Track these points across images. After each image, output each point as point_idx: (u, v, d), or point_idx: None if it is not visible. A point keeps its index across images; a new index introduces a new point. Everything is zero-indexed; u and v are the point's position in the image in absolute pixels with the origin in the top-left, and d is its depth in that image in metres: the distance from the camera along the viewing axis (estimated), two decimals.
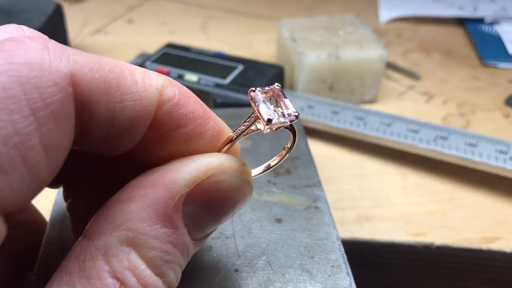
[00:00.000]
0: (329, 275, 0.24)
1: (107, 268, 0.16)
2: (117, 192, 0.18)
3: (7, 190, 0.13)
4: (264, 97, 0.19)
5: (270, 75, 0.45)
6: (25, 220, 0.25)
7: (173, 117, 0.17)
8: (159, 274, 0.16)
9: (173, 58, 0.47)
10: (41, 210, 0.27)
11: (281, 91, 0.19)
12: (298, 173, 0.32)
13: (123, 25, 0.66)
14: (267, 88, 0.19)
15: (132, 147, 0.18)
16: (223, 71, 0.45)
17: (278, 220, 0.27)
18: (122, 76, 0.16)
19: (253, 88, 0.18)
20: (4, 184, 0.13)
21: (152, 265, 0.16)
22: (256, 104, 0.18)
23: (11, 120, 0.13)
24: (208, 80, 0.44)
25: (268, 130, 0.18)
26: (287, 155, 0.22)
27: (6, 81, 0.13)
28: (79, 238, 0.17)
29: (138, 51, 0.56)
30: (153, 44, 0.58)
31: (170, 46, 0.50)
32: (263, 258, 0.25)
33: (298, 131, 0.35)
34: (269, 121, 0.18)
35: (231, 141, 0.19)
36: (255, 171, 0.22)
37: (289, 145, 0.21)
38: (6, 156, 0.13)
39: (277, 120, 0.18)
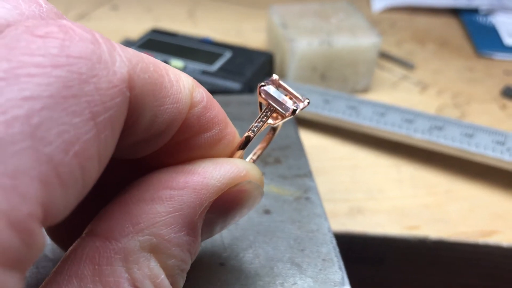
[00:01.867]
0: (320, 269, 0.23)
1: (127, 275, 0.14)
2: (136, 189, 0.16)
3: (62, 205, 0.11)
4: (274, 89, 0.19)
5: (260, 62, 0.43)
6: None
7: (201, 121, 0.16)
8: (173, 283, 0.15)
9: (158, 44, 0.45)
10: None
11: (280, 80, 0.20)
12: (288, 162, 0.30)
13: (107, 11, 0.64)
14: (268, 80, 0.19)
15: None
16: (211, 58, 0.43)
17: (267, 211, 0.26)
18: (163, 76, 0.15)
19: (263, 83, 0.19)
20: (60, 198, 0.11)
21: (169, 273, 0.15)
22: (273, 97, 0.19)
23: (73, 124, 0.11)
24: (195, 67, 0.42)
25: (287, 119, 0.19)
26: (274, 137, 0.22)
27: (66, 77, 0.11)
28: (86, 237, 0.15)
29: (122, 39, 0.54)
30: (138, 31, 0.56)
31: (155, 31, 0.48)
32: (251, 251, 0.24)
33: (289, 121, 0.34)
34: (294, 111, 0.18)
35: (249, 141, 0.18)
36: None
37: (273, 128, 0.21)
38: (68, 166, 0.11)
39: (297, 106, 0.19)
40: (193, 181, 0.16)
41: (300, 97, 0.19)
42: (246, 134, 0.18)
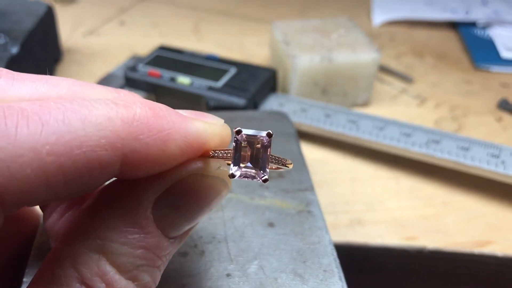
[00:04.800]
0: (322, 280, 0.24)
1: (76, 274, 0.16)
2: (91, 201, 0.18)
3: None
4: (247, 144, 0.18)
5: (263, 78, 0.45)
6: (20, 210, 0.25)
7: (145, 164, 0.16)
8: (131, 278, 0.17)
9: (166, 61, 0.47)
10: None
11: (269, 143, 0.18)
12: (291, 177, 0.31)
13: (115, 27, 0.66)
14: (254, 133, 0.18)
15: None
16: (216, 74, 0.45)
17: (271, 224, 0.27)
18: (65, 154, 0.14)
19: (240, 129, 0.18)
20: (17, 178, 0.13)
21: (123, 270, 0.16)
22: (233, 149, 0.18)
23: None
24: (201, 83, 0.44)
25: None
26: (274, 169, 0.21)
27: None
28: (54, 245, 0.17)
29: (130, 53, 0.56)
30: (145, 46, 0.58)
31: (163, 48, 0.50)
32: (256, 262, 0.25)
33: (291, 135, 0.35)
34: (232, 176, 0.18)
35: (210, 156, 0.18)
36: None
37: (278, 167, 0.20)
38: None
39: (240, 177, 0.18)
40: (132, 187, 0.17)
41: (263, 174, 0.18)
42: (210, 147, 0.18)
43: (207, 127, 0.18)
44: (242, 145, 0.18)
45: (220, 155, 0.18)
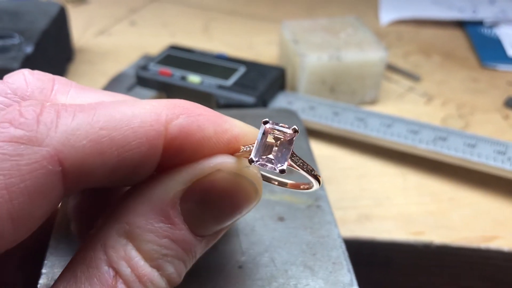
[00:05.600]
0: (331, 272, 0.25)
1: (105, 257, 0.17)
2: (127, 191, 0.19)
3: None
4: (272, 135, 0.18)
5: (272, 76, 0.45)
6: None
7: (185, 148, 0.18)
8: (156, 266, 0.17)
9: (177, 60, 0.48)
10: None
11: (293, 138, 0.18)
12: (300, 173, 0.32)
13: (126, 27, 0.67)
14: (281, 128, 0.18)
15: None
16: (226, 73, 0.46)
17: (281, 219, 0.28)
18: (116, 129, 0.16)
19: (268, 120, 0.18)
20: None
21: (148, 257, 0.17)
22: (258, 138, 0.18)
23: None
24: (211, 82, 0.44)
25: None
26: (296, 190, 0.22)
27: None
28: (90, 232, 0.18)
29: (141, 53, 0.57)
30: (156, 45, 0.59)
31: (173, 47, 0.50)
32: (266, 255, 0.26)
33: (300, 132, 0.36)
34: (251, 161, 0.18)
35: (240, 152, 0.19)
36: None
37: (306, 187, 0.22)
38: None
39: (259, 162, 0.18)
40: (163, 177, 0.18)
41: (282, 165, 0.18)
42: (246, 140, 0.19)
43: (241, 124, 0.19)
44: (268, 137, 0.18)
45: (248, 150, 0.19)
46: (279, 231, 0.27)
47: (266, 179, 0.22)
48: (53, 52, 0.52)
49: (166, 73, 0.46)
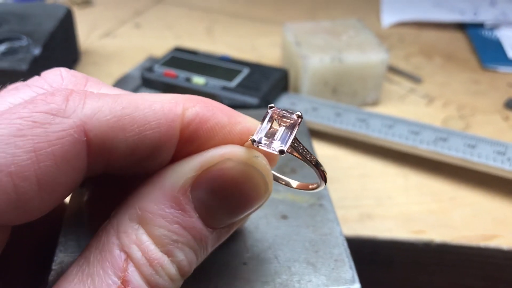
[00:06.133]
0: (333, 268, 0.25)
1: (117, 242, 0.18)
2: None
3: None
4: (277, 120, 0.19)
5: (275, 78, 0.46)
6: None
7: (199, 134, 0.19)
8: (166, 252, 0.18)
9: (181, 62, 0.49)
10: None
11: (296, 123, 0.19)
12: (303, 172, 0.33)
13: (131, 29, 0.68)
14: (287, 113, 0.19)
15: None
16: (230, 74, 0.46)
17: (284, 217, 0.29)
18: (138, 109, 0.18)
19: (273, 105, 0.19)
20: None
21: (159, 242, 0.18)
22: (262, 120, 0.19)
23: (12, 153, 0.16)
24: (215, 83, 0.45)
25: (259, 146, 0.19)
26: (305, 191, 0.23)
27: (21, 123, 0.16)
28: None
29: (146, 55, 0.58)
30: (160, 47, 0.60)
31: (178, 49, 0.51)
32: (270, 252, 0.26)
33: (303, 133, 0.37)
34: (253, 141, 0.19)
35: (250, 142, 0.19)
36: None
37: (313, 186, 0.23)
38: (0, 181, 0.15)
39: (260, 142, 0.19)
40: (174, 165, 0.19)
41: (281, 146, 0.19)
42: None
43: (254, 120, 0.20)
44: (273, 123, 0.19)
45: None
46: (282, 229, 0.28)
47: (276, 178, 0.23)
48: (60, 53, 0.52)
49: (171, 75, 0.47)
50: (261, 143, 0.19)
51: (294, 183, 0.24)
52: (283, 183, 0.24)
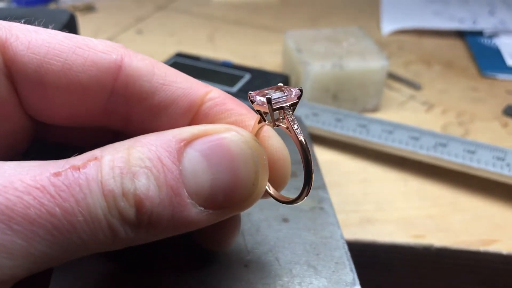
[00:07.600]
0: (334, 271, 0.25)
1: (99, 152, 0.18)
2: None
3: None
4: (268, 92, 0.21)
5: (276, 83, 0.46)
6: None
7: (217, 110, 0.22)
8: (133, 172, 0.17)
9: (183, 67, 0.49)
10: None
11: (295, 96, 0.21)
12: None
13: (133, 35, 0.68)
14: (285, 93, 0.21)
15: None
16: (231, 80, 0.47)
17: (285, 220, 0.29)
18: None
19: (251, 92, 0.21)
20: None
21: (131, 160, 0.18)
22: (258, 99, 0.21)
23: None
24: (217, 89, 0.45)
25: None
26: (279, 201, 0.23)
27: None
28: None
29: None
30: (162, 54, 0.60)
31: (180, 55, 0.52)
32: (271, 254, 0.26)
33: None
34: (251, 96, 0.20)
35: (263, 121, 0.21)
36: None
37: (288, 200, 0.22)
38: None
39: (257, 96, 0.20)
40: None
41: (295, 93, 0.21)
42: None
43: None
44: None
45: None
46: (284, 232, 0.28)
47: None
48: None
49: None
50: (257, 96, 0.20)
51: (271, 189, 0.23)
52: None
